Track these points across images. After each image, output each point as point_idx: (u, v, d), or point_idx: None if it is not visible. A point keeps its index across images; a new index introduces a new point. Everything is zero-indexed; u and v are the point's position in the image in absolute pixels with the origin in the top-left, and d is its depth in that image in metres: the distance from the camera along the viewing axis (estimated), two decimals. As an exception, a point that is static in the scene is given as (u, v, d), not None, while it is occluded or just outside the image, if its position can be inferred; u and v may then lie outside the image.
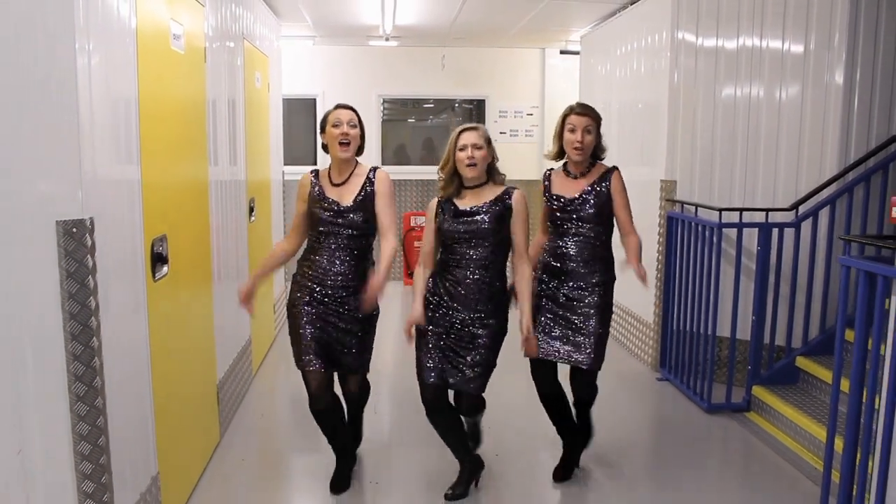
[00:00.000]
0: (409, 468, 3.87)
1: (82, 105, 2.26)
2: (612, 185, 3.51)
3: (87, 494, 2.35)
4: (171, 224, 3.11)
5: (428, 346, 3.34)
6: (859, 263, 3.01)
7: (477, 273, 3.26)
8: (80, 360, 2.28)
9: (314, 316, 3.32)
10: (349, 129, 3.32)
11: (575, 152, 3.49)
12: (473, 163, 3.26)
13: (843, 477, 3.07)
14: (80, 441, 2.32)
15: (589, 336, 3.45)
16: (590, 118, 3.49)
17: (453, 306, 3.28)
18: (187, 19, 3.44)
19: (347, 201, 3.30)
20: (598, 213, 3.48)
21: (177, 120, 3.32)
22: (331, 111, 3.39)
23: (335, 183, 3.35)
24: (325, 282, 3.31)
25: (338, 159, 3.34)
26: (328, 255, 3.31)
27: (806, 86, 4.66)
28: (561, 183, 3.60)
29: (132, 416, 2.69)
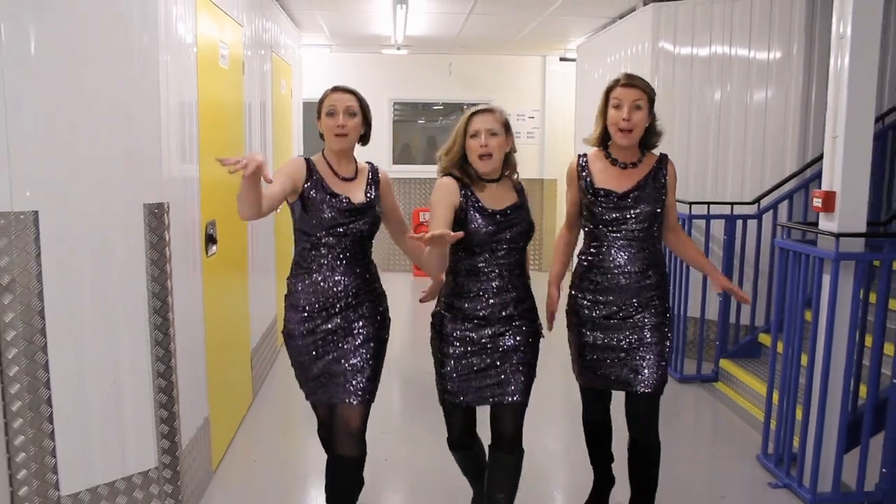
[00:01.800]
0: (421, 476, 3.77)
1: (162, 109, 2.90)
2: (668, 175, 2.88)
3: (162, 419, 2.99)
4: (218, 212, 3.74)
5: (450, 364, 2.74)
6: (790, 245, 3.62)
7: (505, 278, 2.70)
8: (158, 314, 2.92)
9: (316, 341, 2.76)
10: (346, 121, 2.71)
11: (621, 135, 2.78)
12: (488, 153, 2.62)
13: (778, 421, 3.68)
14: (157, 377, 2.96)
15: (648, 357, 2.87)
16: (640, 90, 2.77)
17: (480, 319, 2.70)
18: (230, 38, 4.08)
19: (358, 198, 2.74)
20: (656, 212, 2.84)
21: (223, 124, 3.95)
22: (326, 94, 2.76)
23: (342, 177, 2.77)
24: (330, 302, 2.73)
25: (334, 151, 2.77)
26: (330, 268, 2.72)
27: (769, 90, 5.27)
28: (606, 174, 2.87)
29: (190, 366, 3.31)
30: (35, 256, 2.57)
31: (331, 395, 2.78)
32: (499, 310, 2.70)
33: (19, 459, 2.63)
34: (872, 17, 3.24)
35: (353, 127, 2.74)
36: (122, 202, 2.79)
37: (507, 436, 2.72)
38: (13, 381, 2.59)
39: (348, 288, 2.74)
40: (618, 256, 2.85)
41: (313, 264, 2.74)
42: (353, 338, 2.76)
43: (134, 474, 2.93)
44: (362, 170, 2.85)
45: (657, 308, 2.89)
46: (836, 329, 3.36)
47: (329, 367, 2.76)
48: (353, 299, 2.76)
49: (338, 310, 2.74)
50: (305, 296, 2.74)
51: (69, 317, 2.68)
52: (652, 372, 2.87)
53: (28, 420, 2.62)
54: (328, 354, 2.76)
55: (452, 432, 2.86)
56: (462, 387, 2.73)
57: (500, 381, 2.71)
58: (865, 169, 3.36)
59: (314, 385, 2.82)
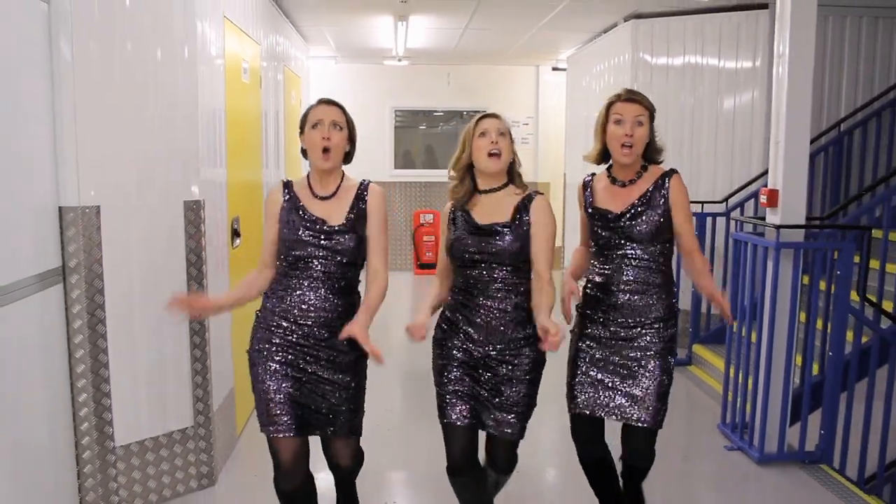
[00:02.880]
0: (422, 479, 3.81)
1: (199, 117, 3.43)
2: (671, 192, 2.73)
3: (197, 385, 3.51)
4: (241, 209, 4.26)
5: (448, 384, 2.67)
6: (742, 236, 4.13)
7: (499, 297, 2.59)
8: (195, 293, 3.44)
9: (287, 367, 2.56)
10: (331, 132, 2.55)
11: (622, 152, 2.70)
12: (497, 151, 2.56)
13: (733, 393, 4.19)
14: (194, 349, 3.47)
15: (648, 385, 2.72)
16: (642, 106, 2.72)
17: (476, 339, 2.62)
18: (250, 55, 4.61)
19: (337, 220, 2.57)
20: (655, 231, 2.72)
21: (245, 131, 4.47)
22: (311, 107, 2.63)
23: (319, 196, 2.61)
24: (300, 322, 2.55)
25: (318, 169, 2.60)
26: (305, 288, 2.56)
27: (737, 98, 5.80)
28: (605, 193, 2.81)
29: (218, 343, 3.83)
30: (97, 244, 3.09)
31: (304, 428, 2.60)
32: (489, 329, 2.60)
33: (82, 414, 3.15)
34: (806, 38, 3.75)
35: (338, 141, 2.56)
36: (166, 199, 3.32)
37: (502, 465, 2.74)
38: (78, 348, 3.11)
39: (329, 310, 2.56)
40: (619, 276, 2.74)
41: (283, 282, 2.60)
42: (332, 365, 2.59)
43: (174, 431, 3.45)
44: (349, 187, 2.64)
45: (660, 332, 2.73)
46: (778, 309, 3.87)
47: (298, 395, 2.57)
48: (333, 322, 2.55)
49: (308, 338, 2.56)
50: (280, 308, 2.58)
51: (123, 295, 3.20)
52: (651, 405, 2.71)
53: (90, 381, 3.14)
54: (299, 375, 2.57)
55: (451, 455, 2.69)
56: (453, 401, 2.65)
57: (495, 413, 2.63)
58: (803, 169, 3.86)
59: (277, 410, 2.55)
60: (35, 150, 2.89)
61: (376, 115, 9.47)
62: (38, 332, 2.91)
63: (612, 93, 2.81)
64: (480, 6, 6.04)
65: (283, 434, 2.56)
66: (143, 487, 3.36)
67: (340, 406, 2.60)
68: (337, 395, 2.59)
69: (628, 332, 2.75)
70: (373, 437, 2.99)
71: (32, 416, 2.86)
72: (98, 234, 3.09)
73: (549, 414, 3.53)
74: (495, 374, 2.62)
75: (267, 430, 2.59)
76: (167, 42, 3.28)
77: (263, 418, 2.60)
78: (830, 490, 3.71)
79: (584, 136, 7.83)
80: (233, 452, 4.02)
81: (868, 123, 5.62)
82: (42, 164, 2.94)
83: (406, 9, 6.12)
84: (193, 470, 3.53)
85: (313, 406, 2.59)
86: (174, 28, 3.31)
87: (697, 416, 4.81)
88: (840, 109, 5.74)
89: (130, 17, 3.13)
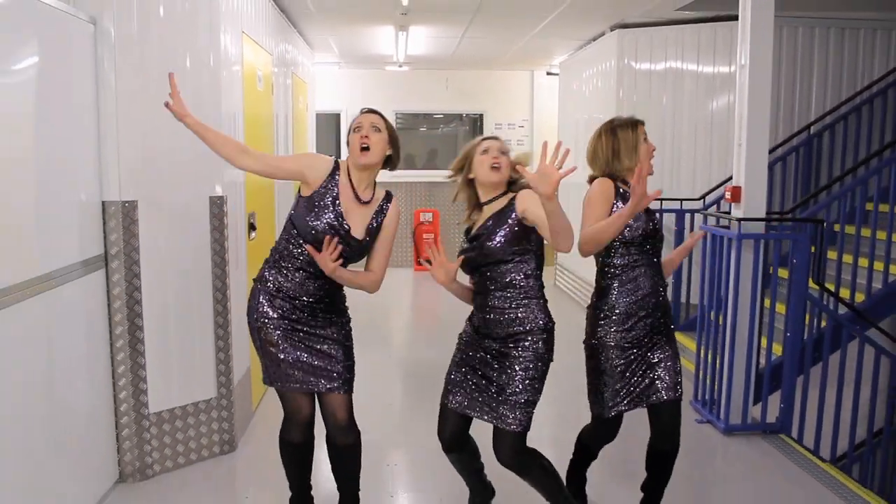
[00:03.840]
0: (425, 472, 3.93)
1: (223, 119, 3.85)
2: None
3: (220, 359, 3.94)
4: (256, 206, 4.69)
5: (455, 375, 2.95)
6: (709, 228, 4.57)
7: (503, 295, 2.83)
8: (219, 279, 3.87)
9: (289, 335, 2.88)
10: (370, 132, 2.83)
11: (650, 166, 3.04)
12: (498, 165, 2.83)
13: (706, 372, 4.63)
14: (217, 328, 3.91)
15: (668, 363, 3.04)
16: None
17: (481, 332, 2.88)
18: (263, 64, 5.04)
19: (359, 231, 2.85)
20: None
21: (259, 134, 4.91)
22: (356, 118, 2.94)
23: (359, 197, 2.87)
24: (299, 297, 2.86)
25: (357, 166, 2.86)
26: (309, 271, 2.84)
27: (715, 100, 6.26)
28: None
29: (237, 324, 4.25)
30: (135, 234, 3.53)
31: (311, 383, 2.89)
32: (493, 323, 2.83)
33: (121, 384, 3.59)
34: (765, 49, 4.18)
35: (377, 141, 2.82)
36: (194, 195, 3.75)
37: (505, 457, 2.88)
38: (117, 325, 3.54)
39: (318, 293, 2.86)
40: (650, 276, 3.00)
41: (289, 261, 2.86)
42: (325, 337, 2.89)
43: (200, 401, 3.88)
44: (376, 199, 2.92)
45: (668, 316, 3.08)
46: (741, 295, 4.29)
47: (303, 358, 2.87)
48: (321, 305, 2.88)
49: (307, 312, 2.87)
50: (273, 287, 2.87)
51: (157, 280, 3.64)
52: (674, 378, 2.99)
53: (127, 355, 3.58)
54: (300, 343, 2.87)
55: (442, 433, 2.99)
56: (453, 388, 2.92)
57: (497, 405, 2.82)
58: (763, 168, 4.29)
59: (287, 371, 2.88)
60: (82, 152, 3.33)
61: (378, 119, 9.86)
62: (83, 311, 3.34)
63: (601, 96, 3.21)
64: (476, 17, 6.47)
65: (291, 385, 2.90)
66: (173, 451, 3.79)
67: (338, 362, 2.89)
68: (334, 349, 2.89)
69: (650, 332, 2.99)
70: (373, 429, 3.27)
71: (78, 385, 3.29)
72: (135, 226, 3.52)
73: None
74: (500, 365, 2.82)
75: (279, 384, 2.93)
76: (194, 53, 3.71)
77: (273, 376, 2.94)
78: (788, 457, 4.13)
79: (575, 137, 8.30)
80: (249, 424, 4.45)
81: (836, 126, 6.06)
82: (88, 164, 3.38)
83: (406, 20, 6.56)
84: (216, 437, 3.96)
85: (315, 364, 2.87)
86: (200, 40, 3.73)
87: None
88: (810, 113, 6.18)
89: (163, 32, 3.56)
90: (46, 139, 3.01)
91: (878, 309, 4.86)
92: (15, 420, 2.75)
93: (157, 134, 3.56)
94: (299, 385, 2.91)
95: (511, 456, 2.87)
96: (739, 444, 4.31)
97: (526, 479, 2.97)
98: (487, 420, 2.86)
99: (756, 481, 3.91)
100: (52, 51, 3.05)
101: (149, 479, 3.70)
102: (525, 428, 2.83)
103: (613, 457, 3.65)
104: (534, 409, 2.85)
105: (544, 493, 2.99)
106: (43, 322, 2.98)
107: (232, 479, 3.87)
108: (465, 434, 3.02)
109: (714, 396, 4.56)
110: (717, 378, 4.53)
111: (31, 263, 2.89)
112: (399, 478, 3.92)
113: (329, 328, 2.91)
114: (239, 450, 4.08)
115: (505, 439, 2.84)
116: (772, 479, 3.90)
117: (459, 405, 2.91)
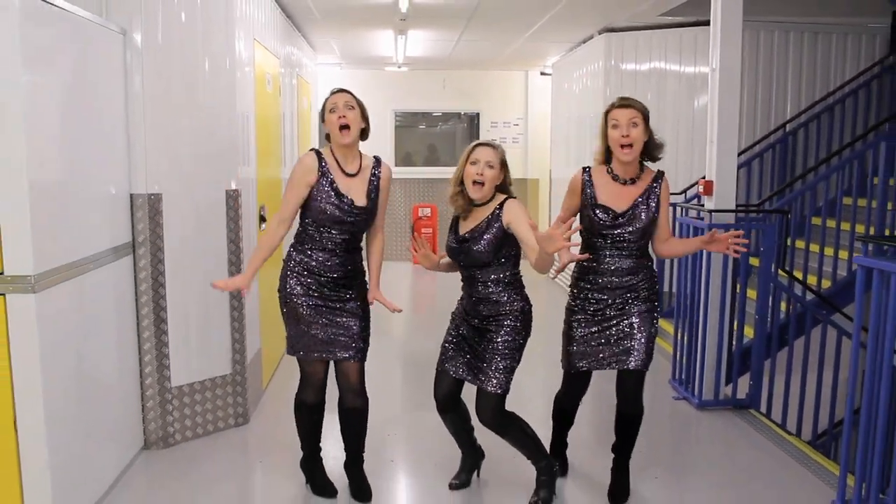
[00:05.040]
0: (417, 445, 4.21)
1: (237, 118, 4.22)
2: (661, 192, 3.22)
3: (235, 339, 4.31)
4: (267, 199, 5.06)
5: (448, 344, 3.33)
6: (684, 220, 4.94)
7: (485, 291, 3.19)
8: (234, 266, 4.24)
9: (314, 310, 3.24)
10: (346, 111, 3.13)
11: (622, 151, 3.12)
12: (481, 181, 3.07)
13: (682, 353, 5.00)
14: (232, 310, 4.28)
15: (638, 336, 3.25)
16: (635, 109, 3.14)
17: (469, 313, 3.26)
18: (271, 67, 5.41)
19: (361, 199, 3.21)
20: (647, 228, 3.21)
21: (269, 133, 5.27)
22: (327, 97, 3.23)
23: (347, 173, 3.21)
24: (324, 274, 3.24)
25: (340, 146, 3.19)
26: (329, 249, 3.23)
27: (697, 99, 6.63)
28: (607, 189, 3.21)
29: (249, 309, 4.62)
30: (159, 224, 3.89)
31: (329, 353, 3.28)
32: (477, 308, 3.20)
33: (146, 360, 3.95)
34: (734, 53, 4.55)
35: (352, 118, 3.14)
36: (212, 189, 4.12)
37: (485, 416, 3.24)
38: (143, 306, 3.91)
39: (344, 264, 3.24)
40: (611, 262, 3.21)
41: (310, 243, 3.25)
42: (344, 311, 3.26)
43: (217, 376, 4.25)
44: (366, 167, 3.26)
45: (646, 297, 3.26)
46: (712, 281, 4.66)
47: (324, 331, 3.24)
48: (343, 280, 3.26)
49: (330, 287, 3.24)
50: (300, 268, 3.25)
51: (178, 266, 4.00)
52: (640, 352, 3.23)
53: (152, 333, 3.94)
54: (322, 318, 3.24)
55: (437, 394, 3.36)
56: (446, 356, 3.31)
57: (480, 369, 3.19)
58: (733, 164, 4.66)
59: (309, 342, 3.27)
60: (113, 149, 3.69)
61: (378, 117, 10.18)
62: (113, 294, 3.70)
63: (590, 95, 3.54)
64: (472, 21, 6.83)
65: (312, 354, 3.29)
66: (192, 422, 4.16)
67: (355, 335, 3.26)
68: (351, 322, 3.27)
69: (620, 305, 3.24)
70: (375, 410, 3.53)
71: (108, 360, 3.65)
72: (160, 217, 3.89)
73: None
74: (482, 338, 3.20)
75: (299, 354, 3.34)
76: (212, 57, 4.06)
77: (297, 346, 3.32)
78: (757, 430, 4.49)
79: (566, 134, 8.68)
80: (260, 400, 4.83)
81: (809, 124, 6.43)
82: (118, 160, 3.74)
83: (405, 25, 6.92)
84: (231, 410, 4.33)
85: (334, 335, 3.25)
86: (217, 46, 4.09)
87: (656, 376, 5.57)
88: (786, 112, 6.55)
89: (183, 39, 3.92)
90: (81, 139, 3.34)
91: (843, 294, 5.23)
92: (50, 391, 3.01)
93: (179, 133, 3.93)
94: (318, 354, 3.30)
95: (491, 416, 3.23)
96: (712, 418, 4.67)
97: (506, 439, 3.35)
98: (472, 382, 3.24)
99: (727, 452, 4.27)
100: (85, 58, 3.40)
101: (171, 446, 4.07)
102: (504, 391, 3.20)
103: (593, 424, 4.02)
104: (512, 375, 3.22)
105: (524, 451, 3.38)
106: (77, 302, 3.29)
107: (245, 448, 4.23)
108: (457, 396, 3.38)
109: (689, 376, 4.92)
110: (692, 358, 4.90)
111: (68, 250, 3.21)
112: (398, 446, 4.29)
113: (349, 302, 3.29)
114: (251, 422, 4.45)
115: (486, 401, 3.21)
116: (742, 450, 4.26)
117: (452, 370, 3.30)
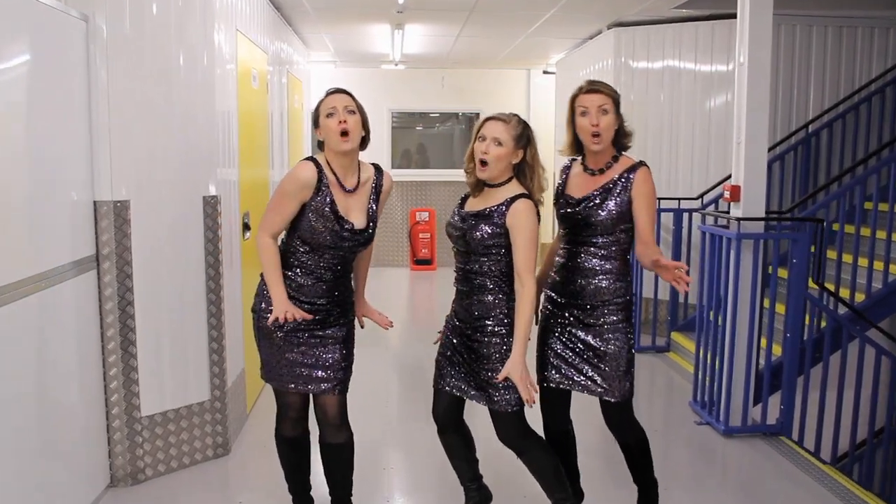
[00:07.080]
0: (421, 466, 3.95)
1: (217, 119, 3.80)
2: (634, 183, 2.82)
3: (214, 361, 3.89)
4: (251, 205, 4.63)
5: (442, 358, 2.96)
6: (709, 229, 4.53)
7: (475, 290, 2.79)
8: (212, 280, 3.81)
9: (292, 336, 2.84)
10: (346, 116, 2.71)
11: (591, 140, 2.82)
12: (485, 160, 2.68)
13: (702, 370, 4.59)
14: (211, 329, 3.85)
15: (613, 361, 2.86)
16: (604, 95, 2.81)
17: (458, 318, 2.87)
18: (258, 63, 4.98)
19: (361, 220, 2.79)
20: (616, 219, 2.84)
21: (254, 133, 4.85)
22: (322, 99, 2.78)
23: (346, 188, 2.78)
24: (308, 300, 2.82)
25: (339, 154, 2.75)
26: (318, 275, 2.81)
27: (713, 99, 6.22)
28: (576, 179, 2.96)
29: (231, 327, 4.20)
30: (127, 234, 3.47)
31: (306, 387, 2.89)
32: (464, 312, 2.81)
33: (112, 387, 3.53)
34: (763, 48, 4.14)
35: (353, 125, 2.72)
36: (187, 195, 3.69)
37: (502, 436, 2.88)
38: (109, 327, 3.48)
39: (333, 287, 2.84)
40: (579, 261, 2.87)
41: (297, 264, 2.81)
42: (325, 338, 2.87)
43: (193, 403, 3.82)
44: (366, 180, 2.84)
45: (616, 314, 2.86)
46: (741, 296, 4.25)
47: (301, 359, 2.85)
48: (328, 306, 2.85)
49: (319, 303, 2.83)
50: (293, 286, 2.81)
51: (150, 281, 3.58)
52: (614, 382, 2.85)
53: (119, 357, 3.52)
54: (300, 346, 2.84)
55: (435, 413, 3.00)
56: (440, 370, 2.94)
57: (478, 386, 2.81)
58: (762, 167, 4.25)
59: (283, 372, 2.88)
60: (74, 150, 3.27)
61: (374, 117, 9.77)
62: (75, 313, 3.28)
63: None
64: (472, 15, 6.42)
65: (287, 385, 2.91)
66: (166, 454, 3.73)
67: (334, 361, 2.87)
68: (331, 352, 2.87)
69: (587, 314, 2.87)
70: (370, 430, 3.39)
71: (68, 388, 3.23)
72: (128, 226, 3.46)
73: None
74: (470, 349, 2.81)
75: (273, 382, 2.96)
76: (188, 51, 3.65)
77: (272, 374, 2.94)
78: (788, 459, 4.09)
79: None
80: (243, 427, 4.40)
81: (833, 125, 6.02)
82: (79, 163, 3.32)
83: (402, 18, 6.51)
84: (210, 440, 3.91)
85: (312, 365, 2.86)
86: (193, 38, 3.68)
87: (673, 396, 5.20)
88: (808, 112, 6.14)
89: (156, 30, 3.50)
90: (37, 137, 2.95)
91: (878, 309, 4.83)
92: (4, 423, 2.69)
93: (149, 133, 3.52)
94: (294, 385, 2.92)
95: (513, 435, 2.87)
96: (740, 446, 4.27)
97: (523, 460, 2.93)
98: (478, 401, 2.86)
99: (757, 484, 3.86)
100: (42, 48, 2.99)
101: (140, 483, 3.64)
102: (512, 406, 2.79)
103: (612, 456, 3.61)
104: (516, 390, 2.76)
105: (542, 481, 2.92)
106: (33, 323, 2.92)
107: (225, 483, 3.82)
108: (458, 414, 3.02)
109: (713, 398, 4.52)
110: (716, 379, 4.49)
111: (22, 264, 2.84)
112: (395, 482, 3.87)
113: (332, 328, 2.90)
114: (233, 453, 4.03)
115: (501, 421, 2.85)
116: (772, 482, 3.86)
117: (448, 387, 2.93)
